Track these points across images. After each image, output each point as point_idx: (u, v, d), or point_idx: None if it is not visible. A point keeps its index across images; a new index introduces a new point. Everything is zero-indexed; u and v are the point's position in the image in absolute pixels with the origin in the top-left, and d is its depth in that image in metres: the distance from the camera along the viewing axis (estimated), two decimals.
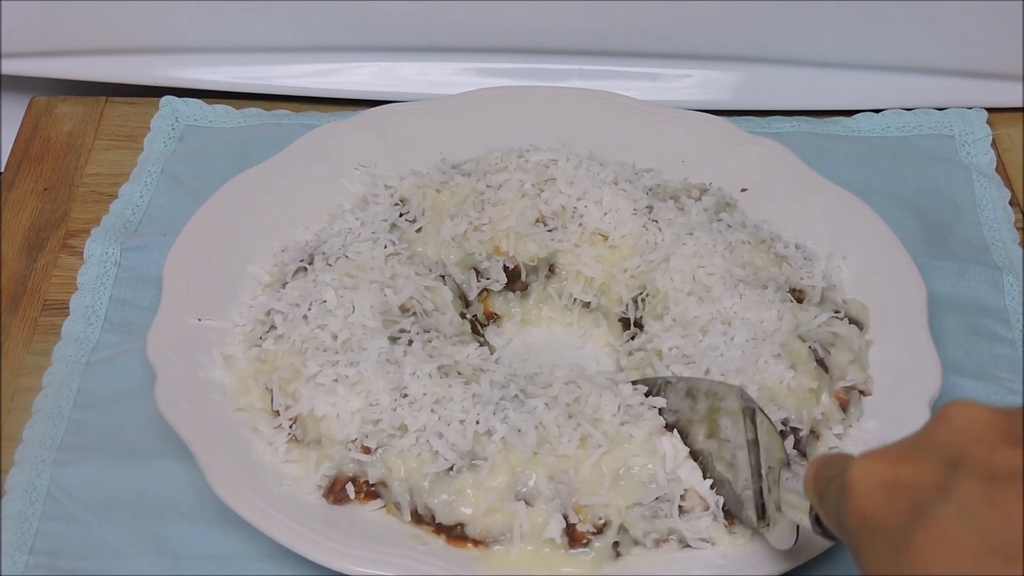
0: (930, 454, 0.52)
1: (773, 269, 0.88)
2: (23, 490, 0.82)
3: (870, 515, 0.53)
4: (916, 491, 0.51)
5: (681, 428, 0.77)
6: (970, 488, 0.49)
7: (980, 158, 1.08)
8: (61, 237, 1.01)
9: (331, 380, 0.79)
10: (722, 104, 1.11)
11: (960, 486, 0.49)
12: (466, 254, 0.91)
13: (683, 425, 0.77)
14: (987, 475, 0.49)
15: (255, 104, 1.12)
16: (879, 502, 0.52)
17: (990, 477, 0.49)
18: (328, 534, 0.74)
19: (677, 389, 0.78)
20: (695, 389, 0.76)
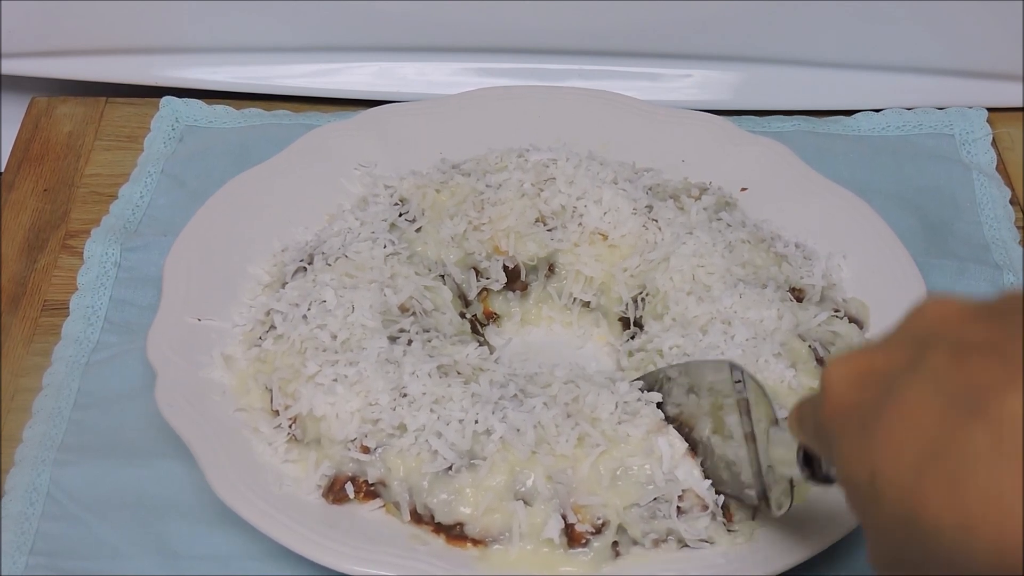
0: (902, 342, 0.52)
1: (773, 268, 0.88)
2: (23, 490, 0.82)
3: (844, 406, 0.53)
4: (887, 374, 0.51)
5: (684, 422, 0.77)
6: (937, 359, 0.49)
7: (980, 157, 1.08)
8: (61, 237, 1.01)
9: (331, 380, 0.79)
10: (722, 104, 1.11)
11: (928, 358, 0.49)
12: (466, 254, 0.91)
13: (686, 419, 0.77)
14: (955, 347, 0.49)
15: (255, 104, 1.12)
16: (852, 392, 0.53)
17: (957, 348, 0.49)
18: (328, 534, 0.74)
19: (679, 384, 0.78)
20: (697, 384, 0.76)
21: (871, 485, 0.50)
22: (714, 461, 0.75)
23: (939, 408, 0.47)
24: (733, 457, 0.73)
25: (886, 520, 0.49)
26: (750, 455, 0.70)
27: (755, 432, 0.70)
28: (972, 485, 0.45)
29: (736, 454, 0.72)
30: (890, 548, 0.50)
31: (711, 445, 0.75)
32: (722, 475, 0.74)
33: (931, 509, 0.46)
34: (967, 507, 0.45)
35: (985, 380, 0.47)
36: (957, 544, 0.46)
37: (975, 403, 0.46)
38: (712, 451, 0.75)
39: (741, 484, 0.72)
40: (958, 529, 0.45)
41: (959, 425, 0.46)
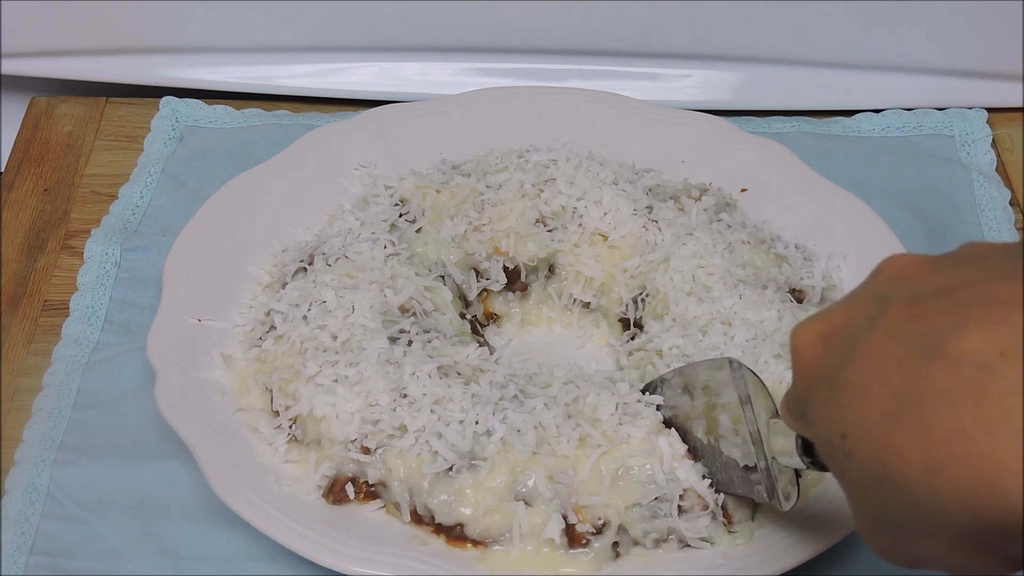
0: (863, 300, 0.53)
1: (773, 269, 0.88)
2: (23, 490, 0.82)
3: (811, 368, 0.53)
4: (849, 332, 0.51)
5: (679, 425, 0.77)
6: (895, 311, 0.49)
7: (980, 158, 1.08)
8: (61, 237, 1.01)
9: (331, 380, 0.79)
10: (722, 104, 1.11)
11: (887, 311, 0.50)
12: (466, 254, 0.91)
13: (681, 421, 0.77)
14: (912, 297, 0.49)
15: (255, 104, 1.12)
16: (817, 353, 0.53)
17: (914, 298, 0.49)
18: (328, 534, 0.74)
19: (673, 385, 0.78)
20: (691, 384, 0.76)
21: (843, 445, 0.50)
22: (720, 462, 0.74)
23: (899, 356, 0.48)
24: (738, 456, 0.72)
25: (861, 478, 0.50)
26: (756, 450, 0.70)
27: (757, 426, 0.70)
28: (936, 425, 0.45)
29: (741, 452, 0.72)
30: (871, 510, 0.51)
31: (717, 446, 0.74)
32: (730, 475, 0.74)
33: (900, 457, 0.47)
34: (934, 448, 0.45)
35: (941, 322, 0.47)
36: (928, 490, 0.46)
37: (933, 345, 0.47)
38: (717, 452, 0.74)
39: (750, 482, 0.72)
40: (927, 472, 0.46)
41: (919, 369, 0.47)
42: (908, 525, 0.48)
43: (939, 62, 1.11)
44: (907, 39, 1.10)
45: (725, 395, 0.73)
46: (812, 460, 0.63)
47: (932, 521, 0.47)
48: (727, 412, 0.73)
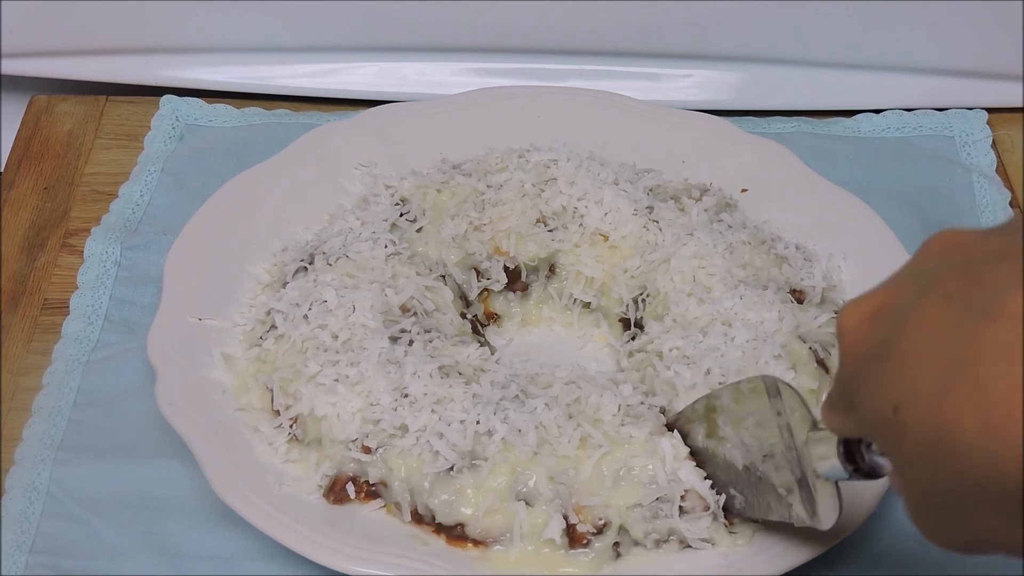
0: (911, 275, 0.52)
1: (773, 270, 0.88)
2: (23, 489, 0.82)
3: (861, 347, 0.52)
4: (898, 306, 0.51)
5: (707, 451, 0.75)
6: (948, 278, 0.49)
7: (980, 159, 1.08)
8: (61, 236, 1.01)
9: (331, 380, 0.79)
10: (722, 104, 1.11)
11: (938, 281, 0.49)
12: (466, 254, 0.91)
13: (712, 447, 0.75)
14: (964, 265, 0.49)
15: (255, 104, 1.12)
16: (866, 331, 0.52)
17: (966, 266, 0.49)
18: (328, 534, 0.74)
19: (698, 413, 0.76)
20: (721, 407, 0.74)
21: (895, 418, 0.49)
22: (756, 487, 0.72)
23: (953, 321, 0.47)
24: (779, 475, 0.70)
25: (915, 451, 0.48)
26: (794, 465, 0.68)
27: (795, 443, 0.68)
28: (993, 385, 0.44)
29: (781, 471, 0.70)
30: (924, 487, 0.49)
31: (753, 469, 0.72)
32: (767, 500, 0.71)
33: (956, 422, 0.46)
34: (991, 408, 0.44)
35: (995, 284, 0.46)
36: (986, 454, 0.45)
37: (987, 306, 0.46)
38: (753, 476, 0.72)
39: (787, 505, 0.69)
40: (984, 433, 0.45)
41: (974, 331, 0.46)
42: (964, 500, 0.47)
43: (939, 62, 1.11)
44: (907, 39, 1.10)
45: (758, 412, 0.71)
46: (855, 468, 0.62)
47: (990, 491, 0.46)
48: (762, 429, 0.71)
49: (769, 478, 0.70)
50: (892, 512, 0.82)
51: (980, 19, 1.07)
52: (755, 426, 0.72)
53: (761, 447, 0.71)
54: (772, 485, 0.70)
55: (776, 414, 0.70)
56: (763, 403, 0.71)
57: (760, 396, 0.71)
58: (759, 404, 0.71)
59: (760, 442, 0.71)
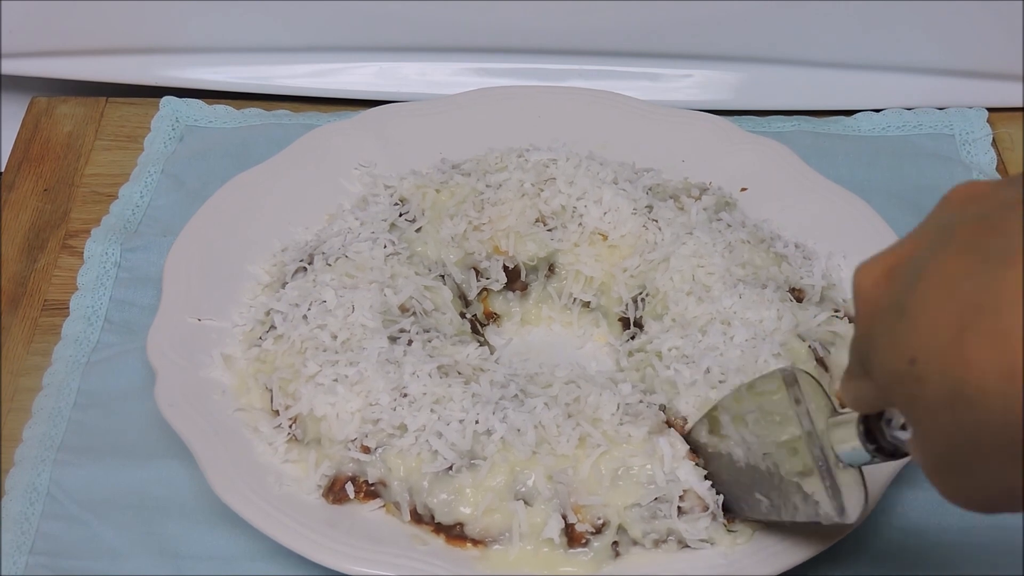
0: (927, 230, 0.51)
1: (773, 268, 0.88)
2: (23, 490, 0.82)
3: (876, 303, 0.51)
4: (914, 259, 0.50)
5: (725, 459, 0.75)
6: (964, 228, 0.48)
7: (980, 157, 1.08)
8: (61, 237, 1.01)
9: (331, 380, 0.79)
10: (722, 104, 1.11)
11: (955, 232, 0.48)
12: (466, 254, 0.91)
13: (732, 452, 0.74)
14: (981, 214, 0.48)
15: (255, 104, 1.12)
16: (882, 287, 0.51)
17: (983, 216, 0.48)
18: (328, 534, 0.74)
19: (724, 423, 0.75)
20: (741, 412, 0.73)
21: (912, 371, 0.48)
22: (781, 489, 0.70)
23: (970, 269, 0.46)
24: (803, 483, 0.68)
25: (933, 404, 0.47)
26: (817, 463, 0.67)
27: (816, 430, 0.67)
28: (1014, 330, 0.44)
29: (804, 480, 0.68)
30: (943, 442, 0.48)
31: (777, 471, 0.70)
32: (792, 502, 0.69)
33: (975, 370, 0.45)
34: (1012, 354, 0.44)
35: (1013, 230, 0.46)
36: (1005, 399, 0.44)
37: (1006, 252, 0.45)
38: (777, 477, 0.70)
39: (814, 504, 0.68)
40: (1005, 379, 0.44)
41: (993, 277, 0.45)
42: (984, 451, 0.46)
43: (939, 62, 1.11)
44: (907, 39, 1.10)
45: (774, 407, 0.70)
46: (876, 447, 0.61)
47: (1010, 440, 0.45)
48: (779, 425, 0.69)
49: (791, 475, 0.69)
50: (893, 510, 0.82)
51: (980, 19, 1.07)
52: (770, 422, 0.70)
53: (779, 443, 0.70)
54: (797, 485, 0.69)
55: (795, 402, 0.69)
56: (780, 397, 0.70)
57: (775, 392, 0.70)
58: (775, 399, 0.70)
59: (778, 438, 0.70)
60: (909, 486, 0.83)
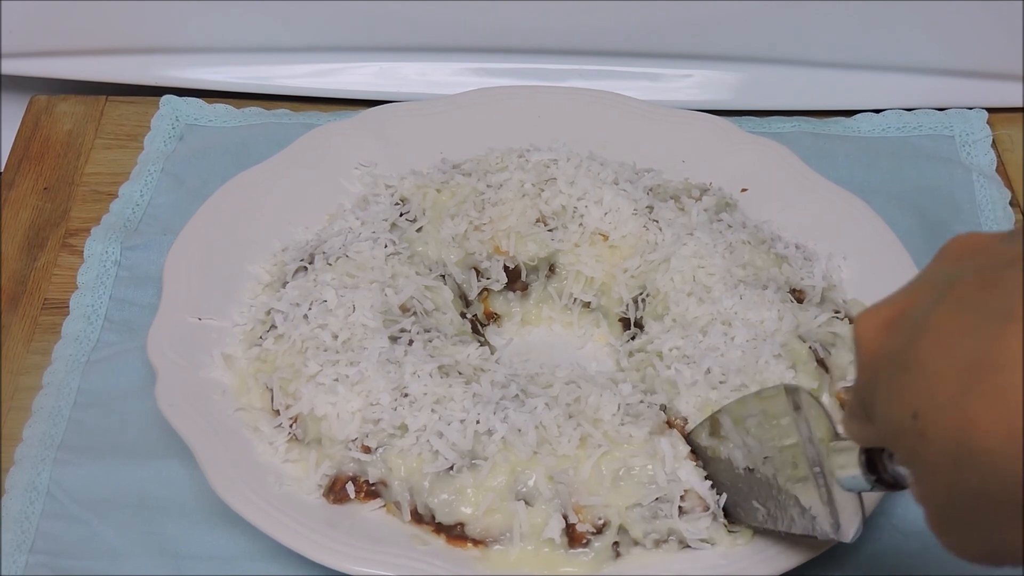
0: (927, 283, 0.51)
1: (773, 269, 0.88)
2: (23, 489, 0.82)
3: (877, 355, 0.52)
4: (915, 312, 0.50)
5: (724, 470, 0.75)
6: (966, 284, 0.48)
7: (980, 158, 1.08)
8: (61, 236, 1.01)
9: (331, 380, 0.79)
10: (722, 104, 1.11)
11: (955, 287, 0.48)
12: (466, 254, 0.91)
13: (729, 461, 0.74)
14: (981, 271, 0.48)
15: (255, 104, 1.12)
16: (883, 339, 0.51)
17: (983, 271, 0.48)
18: (328, 534, 0.74)
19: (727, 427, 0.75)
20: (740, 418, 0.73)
21: (914, 425, 0.48)
22: (779, 501, 0.71)
23: (971, 326, 0.46)
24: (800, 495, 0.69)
25: (936, 459, 0.47)
26: (819, 488, 0.67)
27: (819, 454, 0.67)
28: (1015, 390, 0.44)
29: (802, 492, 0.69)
30: (946, 497, 0.48)
31: (776, 483, 0.71)
32: (790, 514, 0.70)
33: (978, 429, 0.45)
34: (1014, 413, 0.44)
35: (1014, 287, 0.46)
36: (1008, 459, 0.44)
37: (1007, 311, 0.45)
38: (776, 489, 0.71)
39: (811, 518, 0.68)
40: (1008, 439, 0.44)
41: (995, 335, 0.45)
42: (987, 507, 0.47)
43: (939, 62, 1.11)
44: (907, 39, 1.10)
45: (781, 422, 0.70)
46: (877, 478, 0.60)
47: (1013, 498, 0.45)
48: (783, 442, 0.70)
49: (789, 485, 0.70)
50: (891, 512, 0.82)
51: (980, 19, 1.07)
52: (773, 427, 0.71)
53: (782, 448, 0.70)
54: (795, 498, 0.69)
55: (794, 408, 0.69)
56: (781, 401, 0.70)
57: (776, 396, 0.70)
58: (777, 403, 0.70)
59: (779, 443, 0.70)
60: None
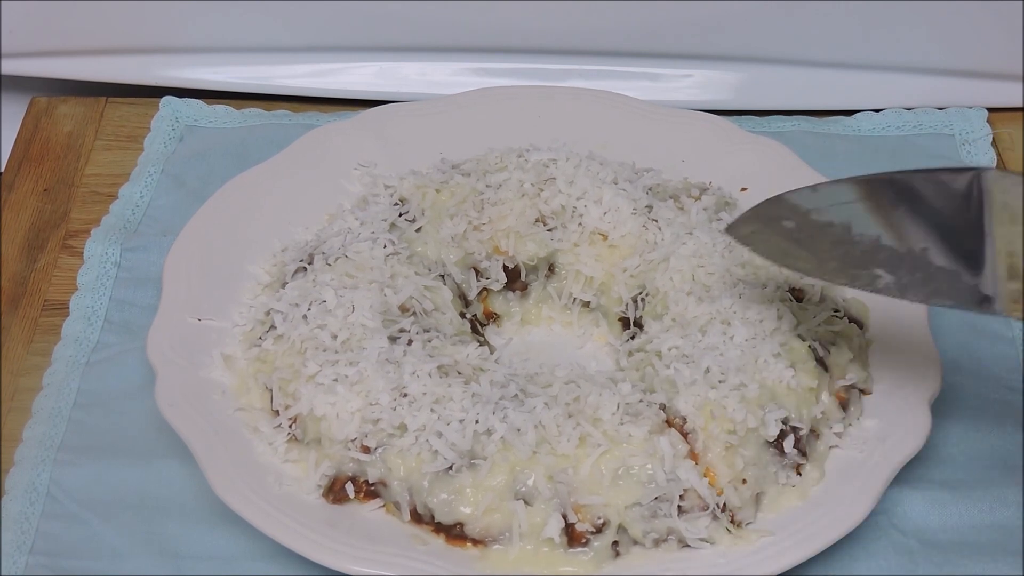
0: None
1: (772, 268, 0.88)
2: (23, 490, 0.82)
3: None
4: None
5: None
6: None
7: (980, 157, 1.08)
8: (61, 237, 1.01)
9: (331, 380, 0.79)
10: (722, 104, 1.11)
11: None
12: (466, 254, 0.91)
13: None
14: None
15: (255, 104, 1.12)
16: None
17: None
18: (328, 534, 0.74)
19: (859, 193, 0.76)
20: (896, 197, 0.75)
21: None
22: (928, 273, 0.72)
23: None
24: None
25: None
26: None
27: None
28: None
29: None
30: None
31: (922, 256, 0.72)
32: (935, 286, 0.71)
33: None
34: None
35: None
36: None
37: None
38: (920, 261, 0.72)
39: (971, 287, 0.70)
40: None
41: None
42: None
43: (939, 62, 1.11)
44: (907, 39, 1.10)
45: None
46: None
47: None
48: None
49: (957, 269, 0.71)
50: (893, 510, 0.82)
51: (980, 19, 1.07)
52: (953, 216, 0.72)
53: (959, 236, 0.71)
54: (952, 272, 0.70)
55: None
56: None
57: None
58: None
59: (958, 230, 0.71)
60: (909, 486, 0.83)
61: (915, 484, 0.83)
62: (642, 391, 0.80)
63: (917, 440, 0.79)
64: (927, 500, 0.83)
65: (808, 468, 0.78)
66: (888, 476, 0.77)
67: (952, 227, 0.72)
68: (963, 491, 0.83)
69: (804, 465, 0.78)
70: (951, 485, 0.83)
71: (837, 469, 0.79)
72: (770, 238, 0.76)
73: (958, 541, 0.81)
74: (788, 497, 0.77)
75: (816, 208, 0.75)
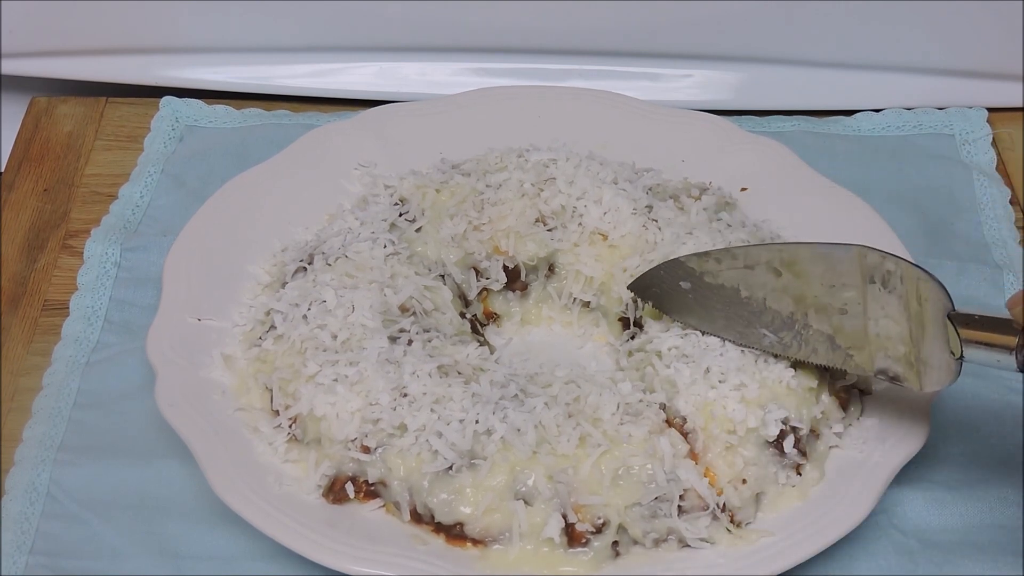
0: None
1: None
2: (23, 490, 0.82)
3: None
4: None
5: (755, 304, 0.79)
6: None
7: (980, 157, 1.08)
8: (61, 237, 1.01)
9: (331, 380, 0.79)
10: (722, 104, 1.11)
11: None
12: (466, 254, 0.91)
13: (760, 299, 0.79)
14: None
15: (255, 104, 1.12)
16: None
17: None
18: (328, 534, 0.74)
19: (757, 260, 0.80)
20: (802, 266, 0.78)
21: None
22: (803, 335, 0.77)
23: None
24: (889, 332, 0.74)
25: None
26: (913, 329, 0.72)
27: (924, 320, 0.72)
28: None
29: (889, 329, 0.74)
30: None
31: (815, 325, 0.76)
32: (814, 347, 0.77)
33: None
34: None
35: None
36: None
37: None
38: (806, 327, 0.77)
39: (846, 356, 0.75)
40: None
41: None
42: None
43: (939, 62, 1.11)
44: (907, 39, 1.10)
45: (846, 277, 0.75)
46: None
47: None
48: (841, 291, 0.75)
49: (885, 329, 0.74)
50: (893, 510, 0.82)
51: (980, 19, 1.07)
52: (834, 287, 0.76)
53: (838, 305, 0.76)
54: (827, 335, 0.76)
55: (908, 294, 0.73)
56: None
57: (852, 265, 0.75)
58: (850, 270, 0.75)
59: (838, 300, 0.76)
60: (909, 486, 0.83)
61: (915, 484, 0.83)
62: (642, 391, 0.80)
63: (917, 440, 0.79)
64: (927, 500, 0.83)
65: (808, 468, 0.78)
66: (888, 476, 0.77)
67: (831, 296, 0.76)
68: (963, 491, 0.83)
69: (804, 465, 0.78)
70: (951, 485, 0.84)
71: (837, 469, 0.79)
72: (670, 296, 0.83)
73: (958, 541, 0.81)
74: (788, 497, 0.77)
75: (709, 271, 0.81)
